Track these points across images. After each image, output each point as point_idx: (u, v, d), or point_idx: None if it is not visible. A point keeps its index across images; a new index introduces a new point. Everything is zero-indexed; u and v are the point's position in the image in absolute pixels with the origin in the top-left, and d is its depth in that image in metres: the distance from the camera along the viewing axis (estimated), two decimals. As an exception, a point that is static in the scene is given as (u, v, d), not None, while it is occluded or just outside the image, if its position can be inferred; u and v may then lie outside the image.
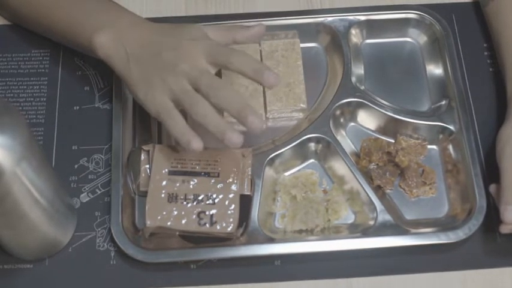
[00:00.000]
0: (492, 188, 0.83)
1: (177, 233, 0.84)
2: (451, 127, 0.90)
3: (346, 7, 0.98)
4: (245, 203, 0.84)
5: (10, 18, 0.98)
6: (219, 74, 0.94)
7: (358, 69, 0.96)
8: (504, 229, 0.81)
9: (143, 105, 0.83)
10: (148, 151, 0.87)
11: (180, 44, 0.82)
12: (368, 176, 0.89)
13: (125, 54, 0.83)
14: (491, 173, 0.87)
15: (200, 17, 0.99)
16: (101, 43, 0.84)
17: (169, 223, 0.83)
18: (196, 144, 0.78)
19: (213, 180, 0.84)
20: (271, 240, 0.84)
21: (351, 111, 0.92)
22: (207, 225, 0.83)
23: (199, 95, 0.79)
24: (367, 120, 0.93)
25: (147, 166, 0.86)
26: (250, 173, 0.86)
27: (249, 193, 0.85)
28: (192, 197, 0.84)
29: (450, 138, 0.90)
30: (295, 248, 0.84)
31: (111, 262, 0.85)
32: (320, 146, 0.90)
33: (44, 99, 0.94)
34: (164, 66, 0.81)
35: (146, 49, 0.83)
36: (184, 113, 0.81)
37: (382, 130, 0.93)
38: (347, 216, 0.88)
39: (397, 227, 0.85)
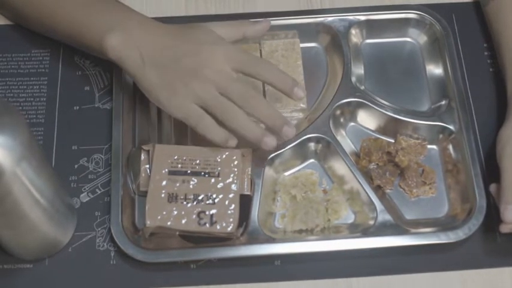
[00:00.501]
0: (492, 187, 0.83)
1: (177, 233, 0.84)
2: (451, 127, 0.90)
3: (346, 7, 0.98)
4: (245, 202, 0.84)
5: (12, 18, 0.98)
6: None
7: (358, 69, 0.96)
8: (504, 228, 0.81)
9: (166, 109, 0.83)
10: (148, 151, 0.87)
11: (200, 49, 0.82)
12: (368, 176, 0.89)
13: (140, 57, 0.83)
14: (491, 173, 0.87)
15: (200, 17, 0.99)
16: (112, 46, 0.84)
17: (169, 223, 0.83)
18: (233, 141, 0.82)
19: (213, 180, 0.84)
20: (271, 240, 0.84)
21: (351, 111, 0.92)
22: (207, 225, 0.83)
23: (229, 101, 0.81)
24: (367, 120, 0.93)
25: (147, 166, 0.86)
26: (250, 172, 0.86)
27: (249, 193, 0.85)
28: (192, 196, 0.84)
29: (450, 138, 0.90)
30: (295, 248, 0.84)
31: (111, 262, 0.85)
32: (320, 146, 0.90)
33: (44, 99, 0.94)
34: (186, 72, 0.82)
35: (164, 54, 0.83)
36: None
37: (382, 130, 0.93)
38: (347, 216, 0.88)
39: (397, 227, 0.85)
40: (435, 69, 0.96)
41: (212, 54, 0.82)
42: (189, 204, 0.83)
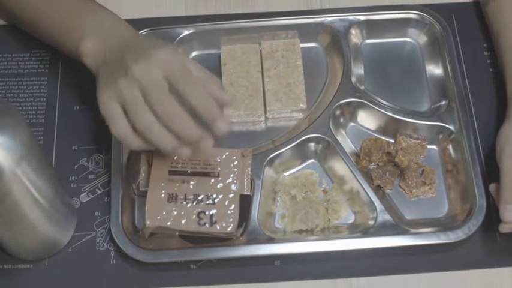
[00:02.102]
0: (492, 187, 0.83)
1: (177, 233, 0.84)
2: (451, 127, 0.90)
3: (346, 7, 0.98)
4: (245, 203, 0.84)
5: (6, 18, 0.98)
6: (219, 71, 0.95)
7: (358, 69, 0.96)
8: (503, 228, 0.81)
9: (98, 104, 0.79)
10: (148, 151, 0.86)
11: (144, 50, 0.78)
12: (368, 176, 0.89)
13: (104, 59, 0.81)
14: (491, 173, 0.87)
15: (200, 17, 0.99)
16: (87, 52, 0.83)
17: (169, 223, 0.83)
18: (136, 143, 0.77)
19: (212, 180, 0.84)
20: (271, 240, 0.84)
21: (351, 111, 0.92)
22: (207, 225, 0.83)
23: (146, 107, 0.76)
24: (367, 120, 0.93)
25: (147, 166, 0.86)
26: (250, 173, 0.86)
27: (248, 193, 0.85)
28: (192, 197, 0.84)
29: (450, 138, 0.90)
30: (295, 248, 0.84)
31: (111, 262, 0.85)
32: (320, 146, 0.90)
33: (44, 99, 0.94)
34: (121, 68, 0.78)
35: (119, 54, 0.80)
36: None
37: (382, 130, 0.93)
38: (347, 216, 0.88)
39: (397, 227, 0.85)
40: (435, 70, 0.96)
41: (151, 56, 0.77)
42: (189, 205, 0.83)
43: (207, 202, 0.83)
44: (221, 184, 0.84)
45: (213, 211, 0.83)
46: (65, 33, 0.86)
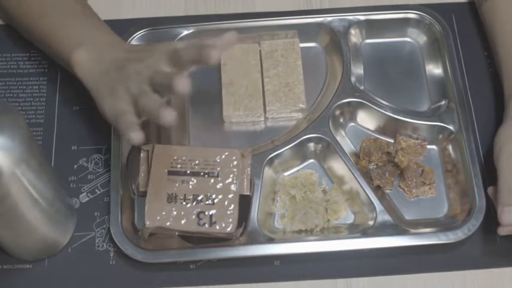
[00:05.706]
0: (490, 190, 0.83)
1: (177, 233, 0.84)
2: (451, 127, 0.90)
3: (345, 7, 0.98)
4: (244, 203, 0.84)
5: (7, 20, 0.98)
6: (218, 71, 0.95)
7: (358, 69, 0.96)
8: (502, 231, 0.81)
9: (107, 117, 0.81)
10: (147, 151, 0.86)
11: (143, 57, 0.81)
12: (367, 176, 0.89)
13: (97, 73, 0.83)
14: (491, 173, 0.87)
15: (200, 16, 0.99)
16: (79, 62, 0.84)
17: (168, 223, 0.83)
18: (136, 136, 0.76)
19: (212, 181, 0.84)
20: (270, 241, 0.84)
21: (351, 111, 0.92)
22: (207, 225, 0.83)
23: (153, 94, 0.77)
24: (366, 120, 0.93)
25: (147, 166, 0.86)
26: (249, 173, 0.86)
27: (248, 193, 0.85)
28: (191, 197, 0.84)
29: (450, 138, 0.90)
30: (294, 248, 0.84)
31: (111, 262, 0.85)
32: (319, 146, 0.90)
33: (44, 99, 0.94)
34: (127, 76, 0.80)
35: (113, 65, 0.82)
36: None
37: (382, 130, 0.93)
38: (346, 216, 0.88)
39: (397, 227, 0.85)
40: (435, 69, 0.96)
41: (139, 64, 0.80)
42: (188, 205, 0.83)
43: (207, 202, 0.83)
44: (221, 184, 0.84)
45: (213, 211, 0.83)
46: (59, 41, 0.87)
